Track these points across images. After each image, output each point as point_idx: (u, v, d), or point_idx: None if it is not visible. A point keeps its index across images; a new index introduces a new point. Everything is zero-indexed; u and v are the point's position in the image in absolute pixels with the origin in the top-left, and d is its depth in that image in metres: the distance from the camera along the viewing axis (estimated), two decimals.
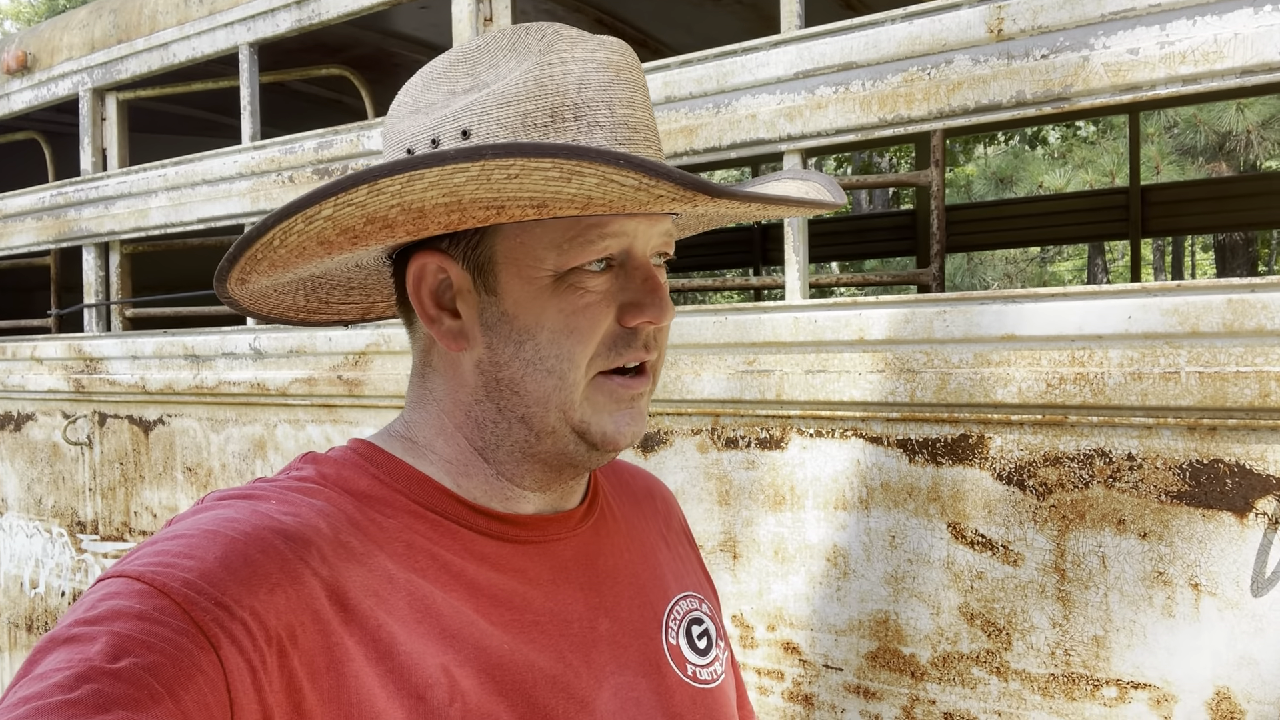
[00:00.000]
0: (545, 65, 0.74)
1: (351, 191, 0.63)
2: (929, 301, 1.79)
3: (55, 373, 3.42)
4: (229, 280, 0.75)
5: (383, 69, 3.93)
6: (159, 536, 0.67)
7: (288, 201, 0.67)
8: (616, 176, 0.64)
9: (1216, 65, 1.53)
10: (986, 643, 1.75)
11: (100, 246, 3.31)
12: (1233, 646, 1.54)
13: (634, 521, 0.96)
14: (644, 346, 0.79)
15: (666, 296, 0.79)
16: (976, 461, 1.75)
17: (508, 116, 0.73)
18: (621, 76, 0.76)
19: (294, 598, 0.65)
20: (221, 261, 0.72)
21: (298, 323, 0.93)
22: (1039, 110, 1.70)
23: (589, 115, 0.74)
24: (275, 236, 0.68)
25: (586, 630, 0.81)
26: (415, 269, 0.79)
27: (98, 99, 3.31)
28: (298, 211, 0.66)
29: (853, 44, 1.86)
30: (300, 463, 0.81)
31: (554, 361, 0.76)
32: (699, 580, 1.01)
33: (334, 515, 0.73)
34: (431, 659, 0.70)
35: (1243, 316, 1.52)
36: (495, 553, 0.79)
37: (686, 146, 2.07)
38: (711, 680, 0.90)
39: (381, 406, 2.57)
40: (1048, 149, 13.86)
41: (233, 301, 0.81)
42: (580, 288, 0.76)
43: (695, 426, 2.07)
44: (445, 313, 0.79)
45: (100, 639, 0.57)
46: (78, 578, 3.38)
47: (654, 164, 0.64)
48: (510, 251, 0.76)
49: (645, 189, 0.66)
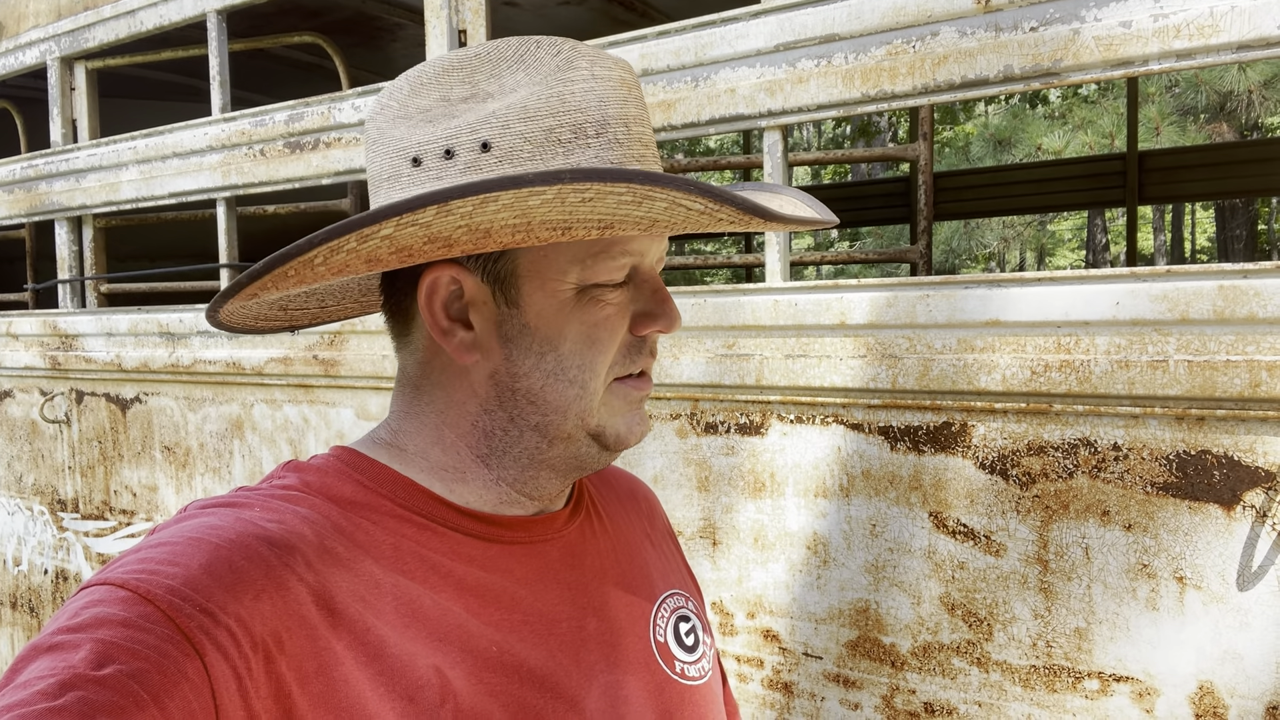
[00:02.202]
0: (568, 81, 0.74)
1: (419, 212, 0.64)
2: (912, 285, 1.74)
3: (32, 349, 3.36)
4: (247, 292, 0.73)
5: (360, 34, 3.83)
6: (142, 544, 0.67)
7: (335, 224, 0.66)
8: (685, 201, 0.67)
9: (1212, 39, 1.45)
10: (967, 633, 1.72)
11: (73, 220, 3.23)
12: (1217, 640, 1.51)
13: (619, 522, 0.98)
14: (650, 353, 0.83)
15: (674, 305, 0.82)
16: (959, 450, 1.71)
17: (531, 131, 0.73)
18: (632, 94, 0.78)
19: (280, 603, 0.65)
20: (240, 277, 0.71)
21: (292, 329, 0.93)
22: (1027, 85, 1.63)
23: (610, 133, 0.75)
24: (319, 254, 0.68)
25: (575, 629, 0.82)
26: (429, 282, 0.79)
27: (66, 68, 3.22)
28: (352, 231, 0.65)
29: (835, 15, 1.79)
30: (283, 471, 0.81)
31: (576, 372, 0.79)
32: (683, 578, 1.03)
33: (319, 522, 0.73)
34: (422, 660, 0.71)
35: (1234, 303, 1.46)
36: (482, 554, 0.80)
37: (664, 121, 2.00)
38: (699, 677, 0.91)
39: (358, 387, 2.52)
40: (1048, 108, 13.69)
41: (223, 323, 0.82)
42: (601, 300, 0.78)
43: (674, 411, 2.02)
44: (457, 324, 0.79)
45: (84, 646, 0.57)
46: (59, 555, 3.36)
47: (719, 190, 0.67)
48: (533, 265, 0.77)
49: (709, 213, 0.69)
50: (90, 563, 3.25)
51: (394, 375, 2.48)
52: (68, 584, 3.34)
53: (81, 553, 3.28)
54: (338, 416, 2.58)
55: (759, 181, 1.01)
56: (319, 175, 2.59)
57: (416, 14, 3.70)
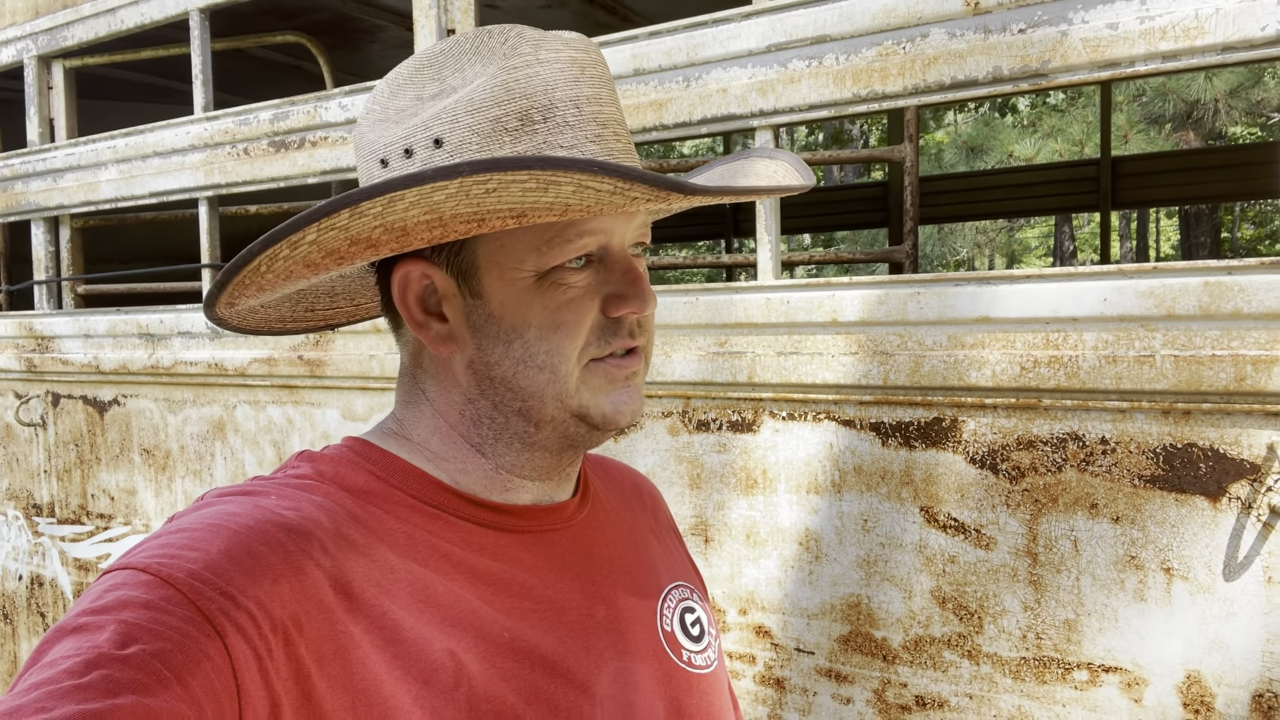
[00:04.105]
0: (511, 69, 0.74)
1: (334, 216, 0.65)
2: (903, 283, 1.76)
3: (6, 351, 3.31)
4: (218, 305, 0.76)
5: (342, 34, 3.81)
6: (161, 531, 0.68)
7: (271, 229, 0.68)
8: (592, 183, 0.66)
9: (1197, 41, 1.49)
10: (958, 626, 1.74)
11: (49, 221, 3.19)
12: (1204, 630, 1.54)
13: (624, 515, 0.99)
14: (630, 334, 0.81)
15: (647, 286, 0.81)
16: (950, 445, 1.73)
17: (478, 123, 0.74)
18: (587, 73, 0.77)
19: (298, 588, 0.66)
20: (210, 288, 0.74)
21: (286, 333, 0.94)
22: (1015, 86, 1.66)
23: (558, 116, 0.75)
24: (262, 263, 0.70)
25: (584, 617, 0.83)
26: (400, 277, 0.80)
27: (44, 67, 3.18)
28: (283, 238, 0.67)
29: (826, 16, 1.81)
30: (296, 461, 0.82)
31: (544, 357, 0.78)
32: (688, 571, 1.04)
33: (334, 510, 0.74)
34: (437, 644, 0.72)
35: (1219, 299, 1.50)
36: (493, 543, 0.81)
37: (656, 121, 2.01)
38: (706, 666, 0.93)
39: (344, 388, 2.50)
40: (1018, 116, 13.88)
41: (222, 322, 0.82)
42: (563, 284, 0.78)
43: (666, 409, 2.03)
44: (432, 317, 0.81)
45: (108, 627, 0.58)
46: (34, 561, 3.30)
47: (627, 169, 0.66)
48: (492, 255, 0.78)
49: (620, 192, 0.68)
50: (66, 568, 3.20)
51: (379, 375, 2.46)
52: (43, 590, 3.29)
53: (58, 558, 3.22)
54: (323, 417, 2.56)
55: (760, 148, 1.01)
56: (304, 174, 2.57)
57: (397, 15, 3.69)
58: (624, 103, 2.04)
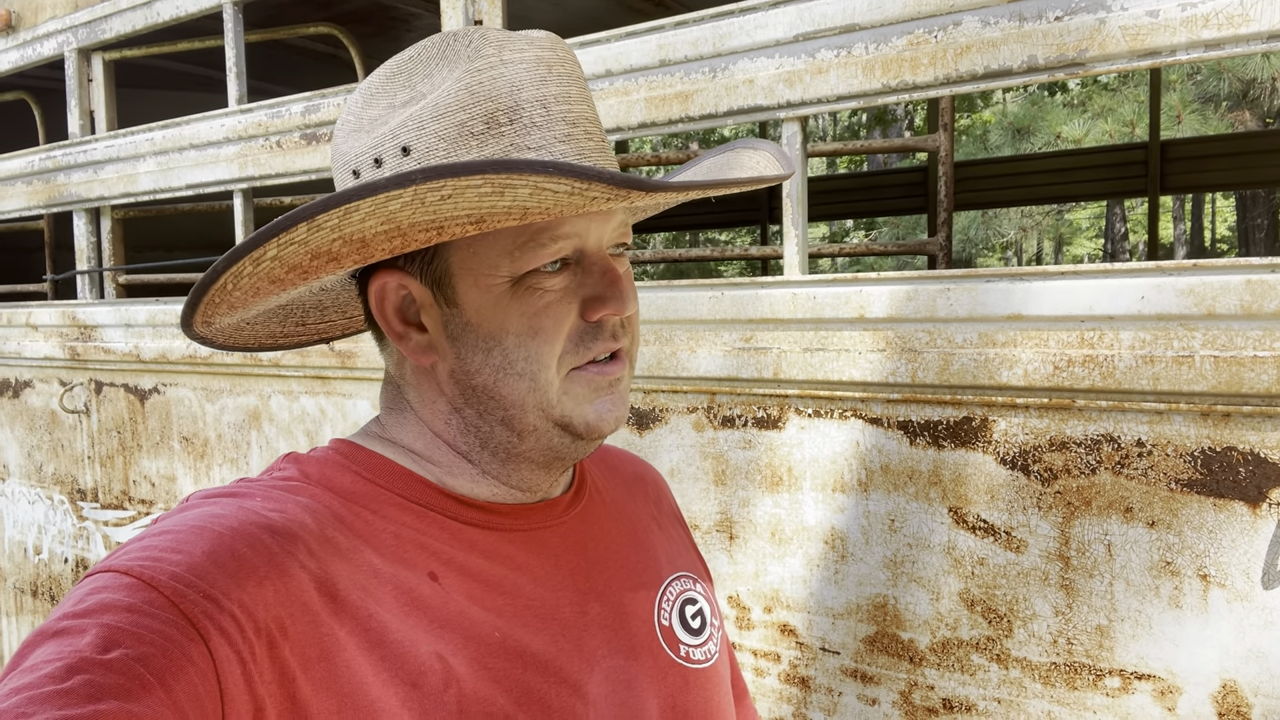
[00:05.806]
0: (475, 72, 0.73)
1: (291, 231, 0.65)
2: (932, 279, 1.72)
3: (51, 339, 3.38)
4: (194, 324, 0.76)
5: (376, 24, 3.82)
6: (145, 534, 0.67)
7: (232, 248, 0.68)
8: (548, 185, 0.64)
9: (1242, 29, 1.43)
10: (987, 629, 1.70)
11: (91, 212, 3.25)
12: (1241, 639, 1.49)
13: (624, 505, 0.97)
14: (612, 336, 0.80)
15: (626, 288, 0.79)
16: (979, 445, 1.69)
17: (444, 128, 0.72)
18: (554, 72, 0.75)
19: (282, 590, 0.66)
20: (182, 308, 0.73)
21: (279, 348, 0.93)
22: (1051, 76, 1.60)
23: (524, 117, 0.73)
24: (227, 281, 0.69)
25: (577, 615, 0.82)
26: (376, 289, 0.79)
27: (83, 59, 3.23)
28: (244, 255, 0.67)
29: (855, 4, 1.76)
30: (283, 463, 0.81)
31: (524, 364, 0.77)
32: (692, 561, 1.02)
33: (320, 512, 0.73)
34: (424, 647, 0.71)
35: (1262, 298, 1.44)
36: (483, 541, 0.80)
37: (682, 113, 1.98)
38: (705, 660, 0.91)
39: (374, 379, 2.52)
40: (1067, 96, 13.54)
41: (207, 341, 0.82)
42: (538, 289, 0.76)
43: (691, 405, 2.01)
44: (411, 328, 0.80)
45: (90, 631, 0.58)
46: (79, 544, 3.38)
47: (583, 168, 0.64)
48: (464, 262, 0.76)
49: (578, 193, 0.66)
50: (110, 551, 3.27)
51: None
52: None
53: (101, 542, 3.30)
54: (354, 408, 2.58)
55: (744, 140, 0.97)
56: None
57: (431, 2, 3.68)
58: (650, 94, 2.02)
